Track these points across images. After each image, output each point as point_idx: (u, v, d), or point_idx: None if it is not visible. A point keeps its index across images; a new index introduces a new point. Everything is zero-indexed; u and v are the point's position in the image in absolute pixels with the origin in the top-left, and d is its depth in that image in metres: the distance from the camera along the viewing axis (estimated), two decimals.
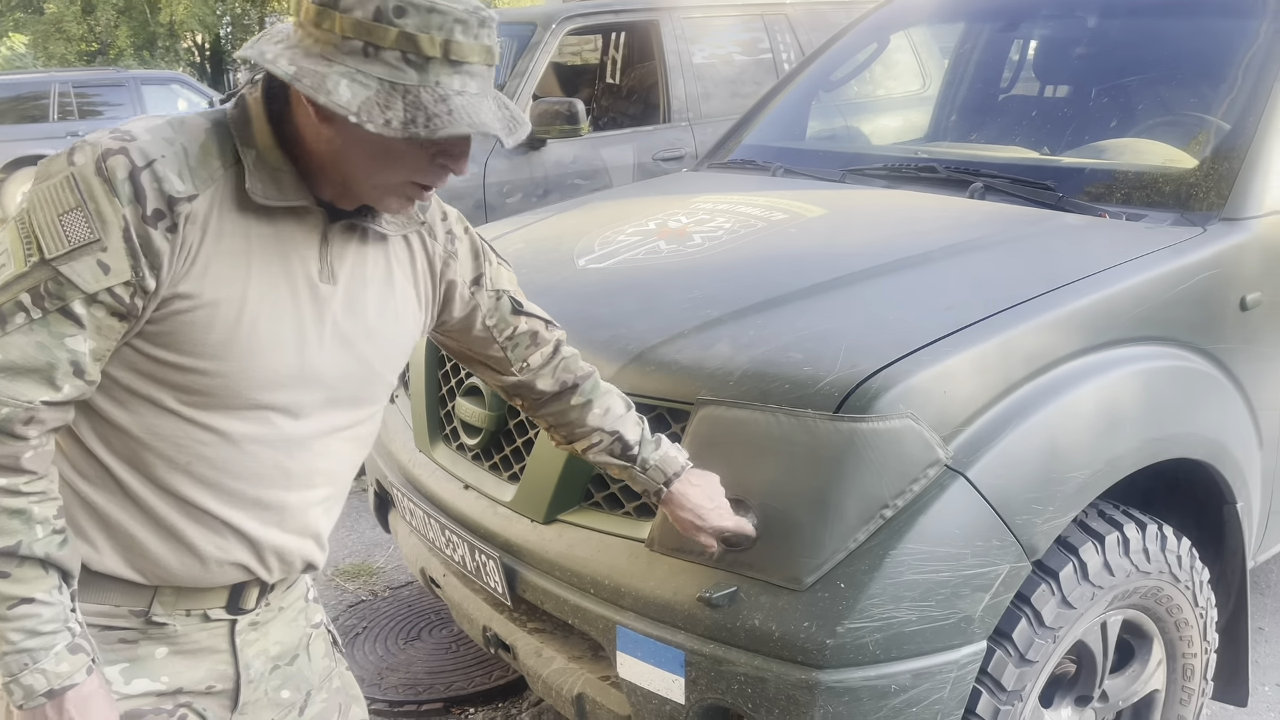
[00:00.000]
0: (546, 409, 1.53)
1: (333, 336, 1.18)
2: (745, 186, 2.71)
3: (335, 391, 1.20)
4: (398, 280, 1.27)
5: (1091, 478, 1.69)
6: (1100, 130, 2.54)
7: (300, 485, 1.20)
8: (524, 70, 4.52)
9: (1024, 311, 1.72)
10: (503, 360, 1.47)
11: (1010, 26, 3.19)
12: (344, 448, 1.25)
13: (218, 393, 1.11)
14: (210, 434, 1.12)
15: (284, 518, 1.20)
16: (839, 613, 1.52)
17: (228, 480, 1.15)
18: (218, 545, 1.17)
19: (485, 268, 1.40)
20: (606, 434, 1.52)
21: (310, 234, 1.15)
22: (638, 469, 1.53)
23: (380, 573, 3.29)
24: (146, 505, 1.13)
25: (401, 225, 1.25)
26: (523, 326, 1.47)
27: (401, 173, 1.09)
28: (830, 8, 5.52)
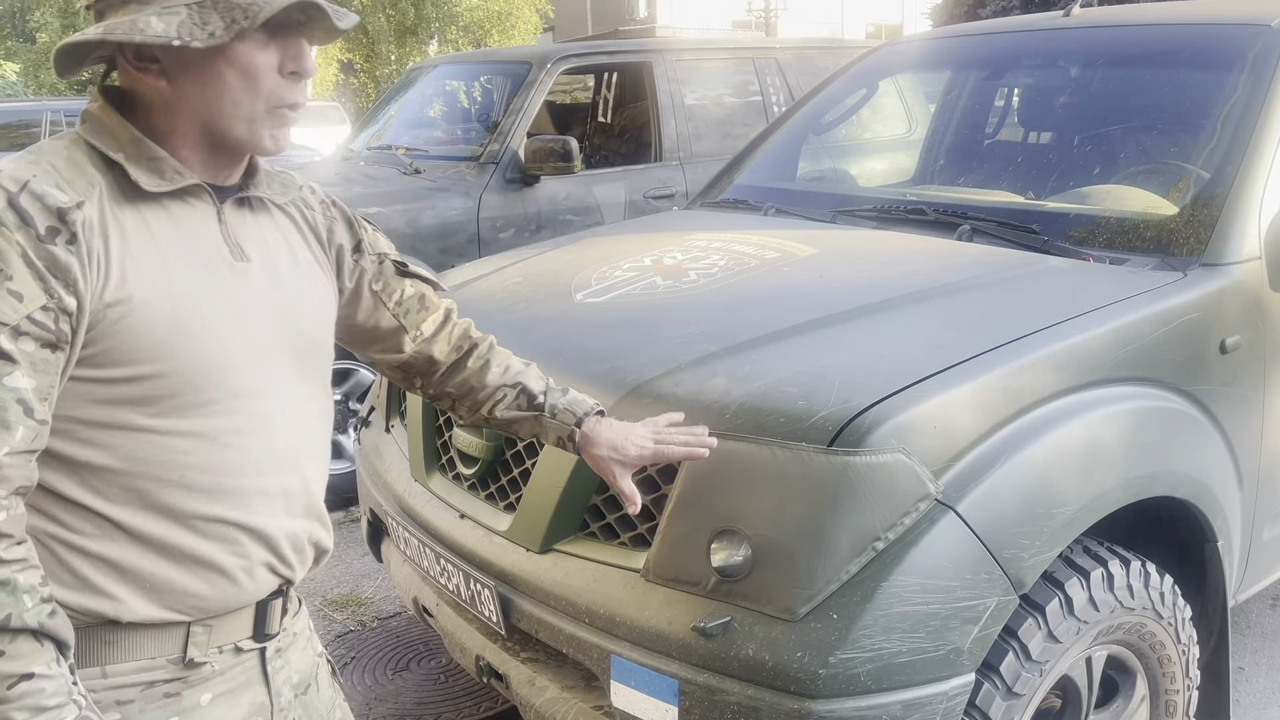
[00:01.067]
0: (448, 381, 1.52)
1: (266, 310, 1.17)
2: (738, 225, 2.77)
3: (286, 364, 1.19)
4: (297, 248, 1.27)
5: (1077, 514, 1.73)
6: (1083, 177, 2.61)
7: (290, 465, 1.18)
8: (519, 108, 4.59)
9: (1012, 350, 1.77)
10: (396, 330, 1.45)
11: (995, 75, 3.28)
12: (314, 423, 1.24)
13: (180, 392, 1.08)
14: (190, 439, 1.09)
15: (288, 502, 1.19)
16: (831, 643, 1.55)
17: (224, 480, 1.12)
18: (237, 552, 1.14)
19: (362, 234, 1.39)
20: (509, 388, 1.53)
21: (206, 218, 1.14)
22: (547, 415, 1.53)
23: (369, 603, 3.29)
24: (156, 538, 1.10)
25: (280, 191, 1.25)
26: (410, 289, 1.45)
27: (257, 98, 1.09)
28: (818, 52, 5.64)
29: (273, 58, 1.10)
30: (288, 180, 1.28)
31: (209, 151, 1.14)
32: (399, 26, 23.74)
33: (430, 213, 4.24)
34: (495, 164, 4.47)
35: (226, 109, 1.09)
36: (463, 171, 4.47)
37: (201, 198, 1.14)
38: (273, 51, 1.10)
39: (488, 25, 24.15)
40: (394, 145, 4.99)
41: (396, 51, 24.03)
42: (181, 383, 1.08)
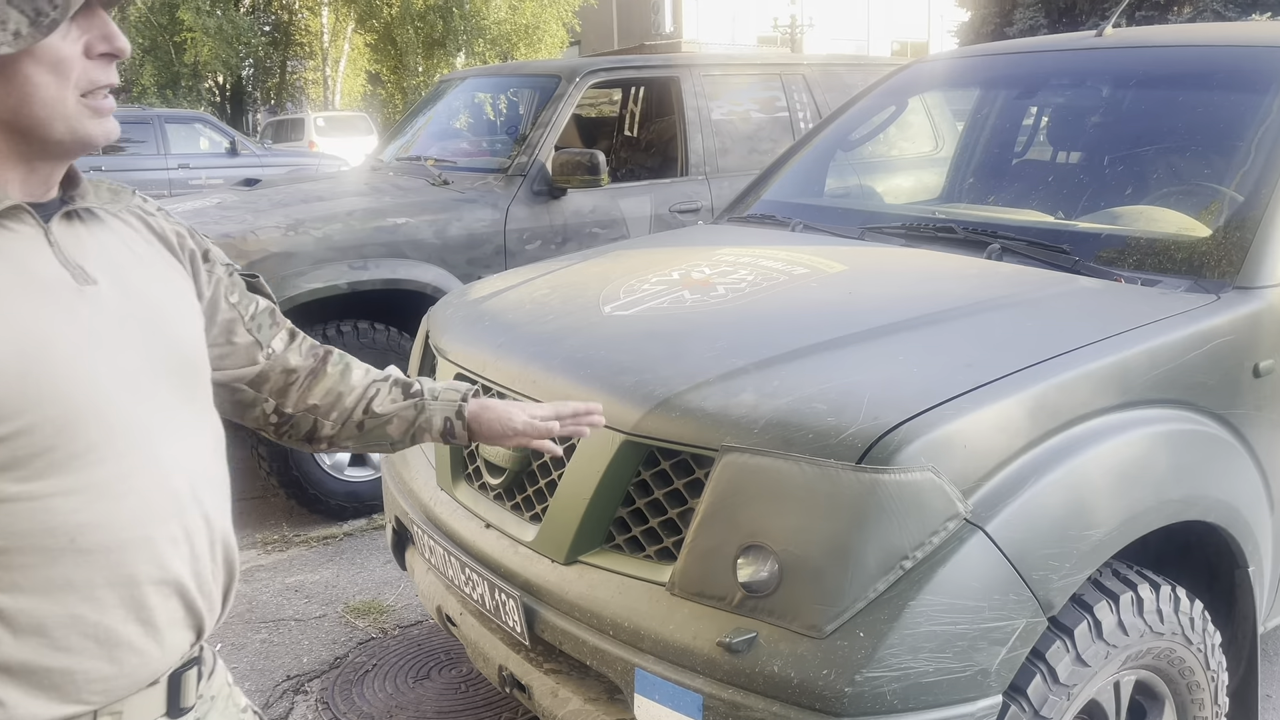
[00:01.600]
0: (311, 391, 1.40)
1: (129, 333, 1.04)
2: (766, 240, 2.77)
3: (164, 390, 1.07)
4: (147, 257, 1.14)
5: (1107, 536, 1.72)
6: (1115, 197, 2.60)
7: (190, 503, 1.07)
8: (547, 121, 4.62)
9: (1044, 370, 1.76)
10: (250, 346, 1.33)
11: (1026, 94, 3.27)
12: (206, 445, 1.13)
13: (51, 446, 0.95)
14: (74, 497, 0.96)
15: (194, 543, 1.07)
16: (858, 661, 1.54)
17: (124, 534, 1.00)
18: (144, 617, 1.02)
19: (206, 244, 1.28)
20: (382, 382, 1.44)
21: (33, 241, 1.00)
22: (429, 398, 1.45)
23: (390, 611, 3.30)
24: (49, 624, 0.96)
25: (110, 199, 1.13)
26: (261, 304, 1.36)
27: (69, 92, 0.98)
28: (846, 69, 5.64)
29: (76, 44, 0.97)
30: (117, 187, 1.16)
31: (25, 165, 1.01)
32: (427, 39, 23.96)
33: (458, 224, 4.27)
34: (523, 176, 4.49)
35: (40, 112, 0.97)
36: (490, 183, 4.50)
37: (23, 220, 1.00)
38: (75, 36, 0.97)
39: (515, 38, 24.34)
40: (423, 156, 5.03)
41: (424, 63, 24.23)
42: (50, 436, 0.95)
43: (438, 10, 23.64)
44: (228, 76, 26.64)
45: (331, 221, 4.03)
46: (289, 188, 4.70)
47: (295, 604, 3.39)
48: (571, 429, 1.49)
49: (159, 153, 12.57)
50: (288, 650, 3.08)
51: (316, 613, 3.32)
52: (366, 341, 4.06)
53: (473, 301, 2.64)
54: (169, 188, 11.97)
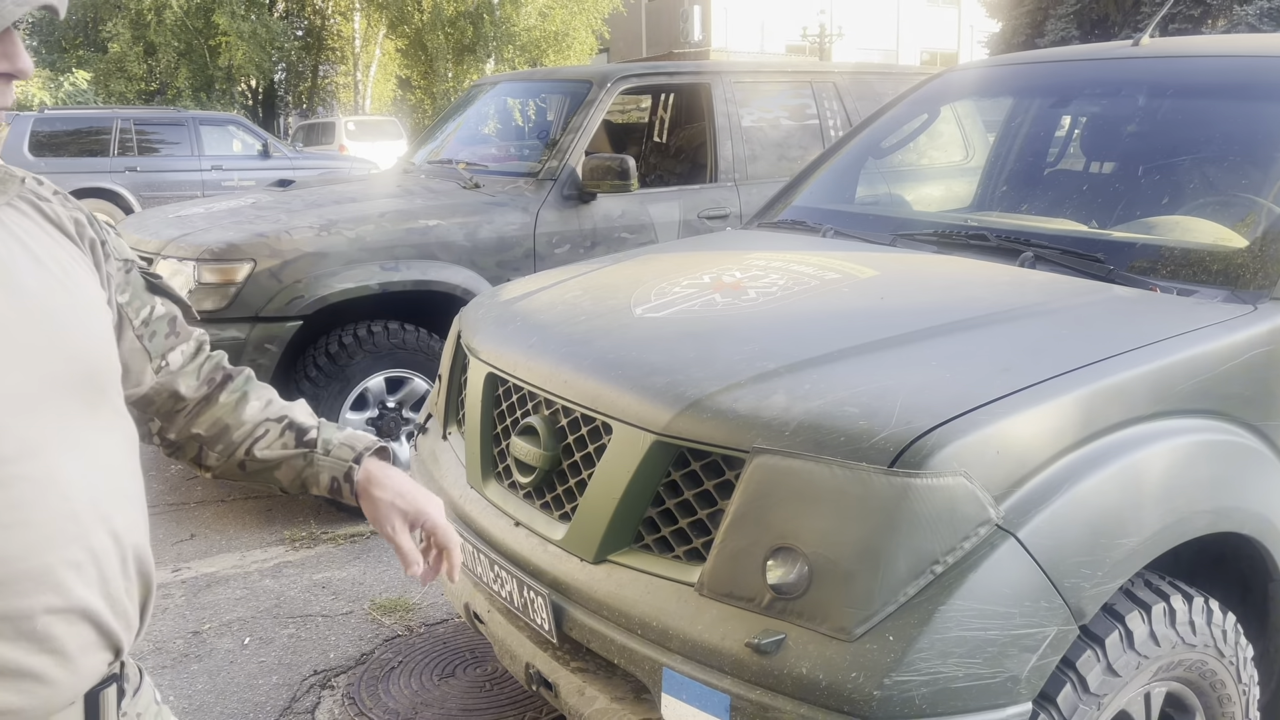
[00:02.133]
0: (197, 420, 1.28)
1: (17, 347, 0.95)
2: (796, 246, 2.77)
3: (63, 401, 0.97)
4: (41, 253, 1.02)
5: (1140, 546, 1.71)
6: (1150, 207, 2.59)
7: (95, 523, 0.98)
8: (578, 126, 4.64)
9: (1077, 378, 1.75)
10: (139, 354, 1.20)
11: (1060, 103, 3.26)
12: (114, 459, 1.03)
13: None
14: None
15: (101, 565, 0.99)
16: (887, 665, 1.54)
17: (17, 566, 0.92)
18: (50, 647, 0.95)
19: (106, 236, 1.15)
20: (274, 423, 1.29)
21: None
22: (319, 452, 1.28)
23: (416, 609, 3.32)
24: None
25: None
26: (160, 309, 1.23)
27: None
28: (876, 77, 5.64)
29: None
30: (5, 174, 1.04)
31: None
32: (457, 45, 24.15)
33: (488, 226, 4.30)
34: (553, 180, 4.52)
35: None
36: (521, 187, 4.53)
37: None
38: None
39: (544, 45, 24.49)
40: (454, 160, 5.07)
41: (454, 69, 24.42)
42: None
43: (468, 16, 23.83)
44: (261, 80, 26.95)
45: (364, 223, 4.07)
46: (322, 189, 4.76)
47: (322, 600, 3.42)
48: (430, 577, 1.34)
49: (193, 154, 12.74)
50: (315, 645, 3.11)
51: (343, 609, 3.34)
52: (396, 342, 4.09)
53: (505, 302, 2.66)
54: (202, 188, 12.13)
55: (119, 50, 23.79)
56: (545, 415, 2.13)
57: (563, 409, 2.09)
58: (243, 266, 3.80)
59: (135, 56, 23.96)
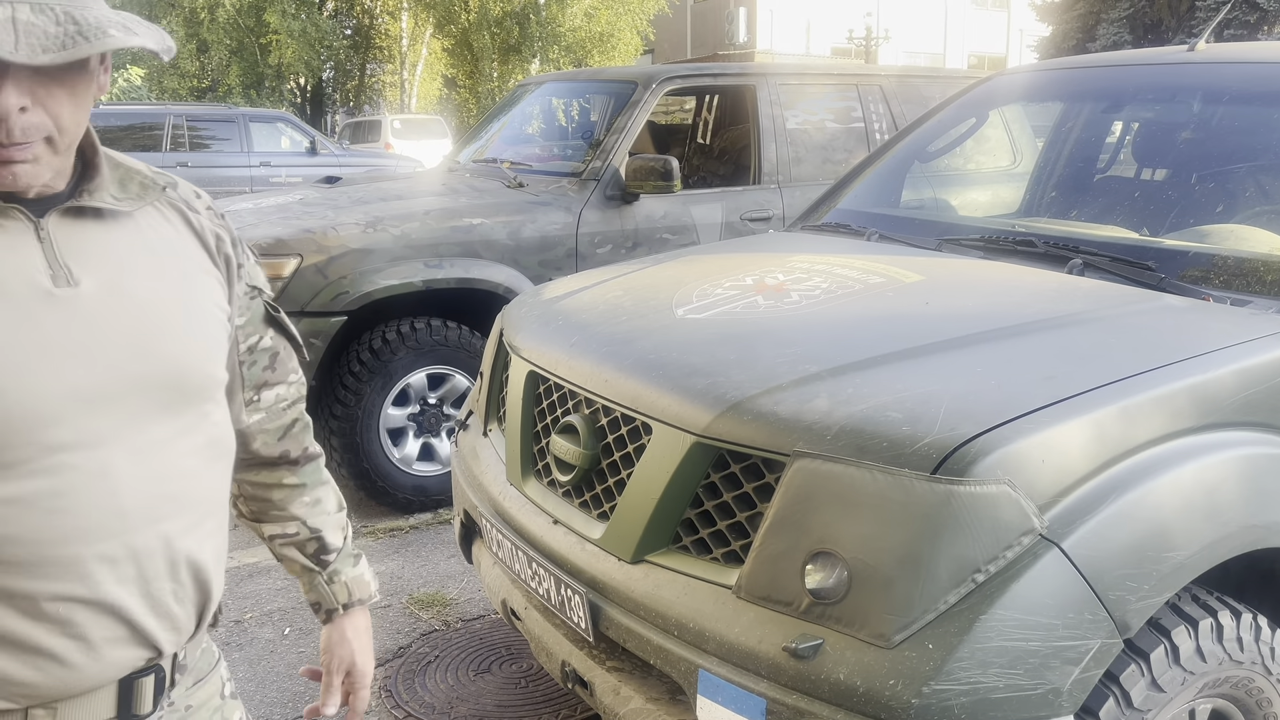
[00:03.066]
0: (250, 474, 1.32)
1: (103, 341, 0.99)
2: (841, 249, 2.76)
3: (137, 403, 1.00)
4: (167, 258, 1.07)
5: (1188, 559, 1.68)
6: (1203, 215, 2.54)
7: (145, 523, 1.00)
8: (622, 126, 4.65)
9: (1126, 387, 1.73)
10: (235, 379, 1.23)
11: (1112, 108, 3.21)
12: (187, 463, 1.05)
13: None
14: (1, 508, 0.93)
15: (142, 566, 1.01)
16: (926, 673, 1.53)
17: (48, 551, 0.94)
18: (72, 633, 0.97)
19: (244, 259, 1.21)
20: (307, 529, 1.34)
21: (19, 237, 0.97)
22: (323, 579, 1.36)
23: (453, 604, 3.35)
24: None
25: (137, 194, 1.07)
26: (268, 340, 1.27)
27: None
28: (923, 81, 5.59)
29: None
30: (149, 181, 1.09)
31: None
32: (502, 45, 24.29)
33: (531, 226, 4.32)
34: (597, 180, 4.53)
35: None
36: (564, 187, 4.55)
37: (9, 215, 0.96)
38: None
39: (589, 46, 24.56)
40: (499, 159, 5.10)
41: (499, 69, 24.57)
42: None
43: (514, 16, 23.97)
44: (309, 78, 27.32)
45: (409, 220, 4.11)
46: (368, 186, 4.81)
47: None
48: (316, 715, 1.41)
49: (243, 150, 12.94)
50: None
51: (381, 602, 3.38)
52: (439, 338, 4.12)
53: (547, 301, 2.67)
54: (250, 184, 12.32)
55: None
56: (585, 414, 2.13)
57: (603, 408, 2.09)
58: (289, 262, 3.86)
59: (188, 54, 24.38)
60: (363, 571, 1.40)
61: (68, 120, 0.96)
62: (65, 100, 0.95)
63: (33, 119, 0.93)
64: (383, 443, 4.07)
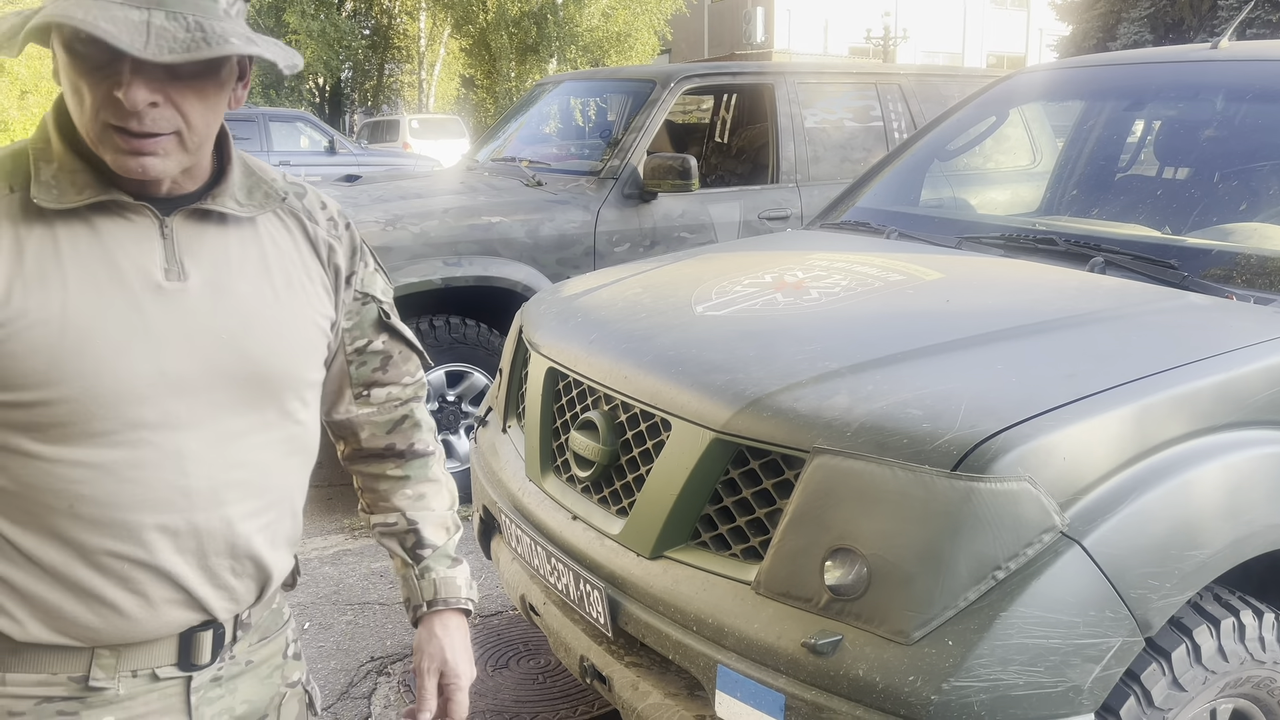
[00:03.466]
0: (360, 465, 1.40)
1: (197, 333, 1.07)
2: (860, 247, 2.75)
3: (220, 394, 1.09)
4: (275, 264, 1.16)
5: (1211, 558, 1.67)
6: (1227, 213, 2.52)
7: (209, 504, 1.09)
8: (641, 125, 4.66)
9: (1148, 385, 1.72)
10: (344, 377, 1.32)
11: (1134, 106, 3.19)
12: (259, 456, 1.13)
13: (71, 421, 1.02)
14: (81, 469, 1.03)
15: (202, 542, 1.09)
16: (945, 670, 1.52)
17: (116, 514, 1.04)
18: (132, 588, 1.07)
19: (359, 268, 1.28)
20: (405, 520, 1.38)
21: (145, 232, 1.06)
22: (415, 573, 1.37)
23: None
24: (48, 564, 1.04)
25: (261, 202, 1.15)
26: (379, 344, 1.32)
27: (89, 111, 1.00)
28: (942, 80, 5.57)
29: (106, 77, 0.98)
30: (273, 190, 1.17)
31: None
32: (520, 44, 24.34)
33: (550, 224, 4.34)
34: (615, 179, 4.54)
35: (75, 116, 1.02)
36: (583, 185, 4.56)
37: (140, 212, 1.06)
38: (107, 71, 0.98)
39: (606, 46, 24.59)
40: (517, 157, 5.11)
41: (517, 69, 24.63)
42: (70, 411, 1.01)
43: (532, 17, 24.01)
44: (328, 78, 27.46)
45: (428, 218, 4.13)
46: (388, 184, 4.83)
47: (380, 589, 3.48)
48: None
49: (262, 149, 13.03)
50: (372, 633, 3.16)
51: (401, 598, 3.39)
52: (457, 336, 4.14)
53: (566, 298, 2.68)
54: None
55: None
56: (605, 410, 2.14)
57: (622, 404, 2.10)
58: None
59: None
60: (456, 575, 1.39)
61: (197, 120, 1.03)
62: (195, 102, 1.02)
63: (163, 113, 1.00)
64: None
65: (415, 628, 1.39)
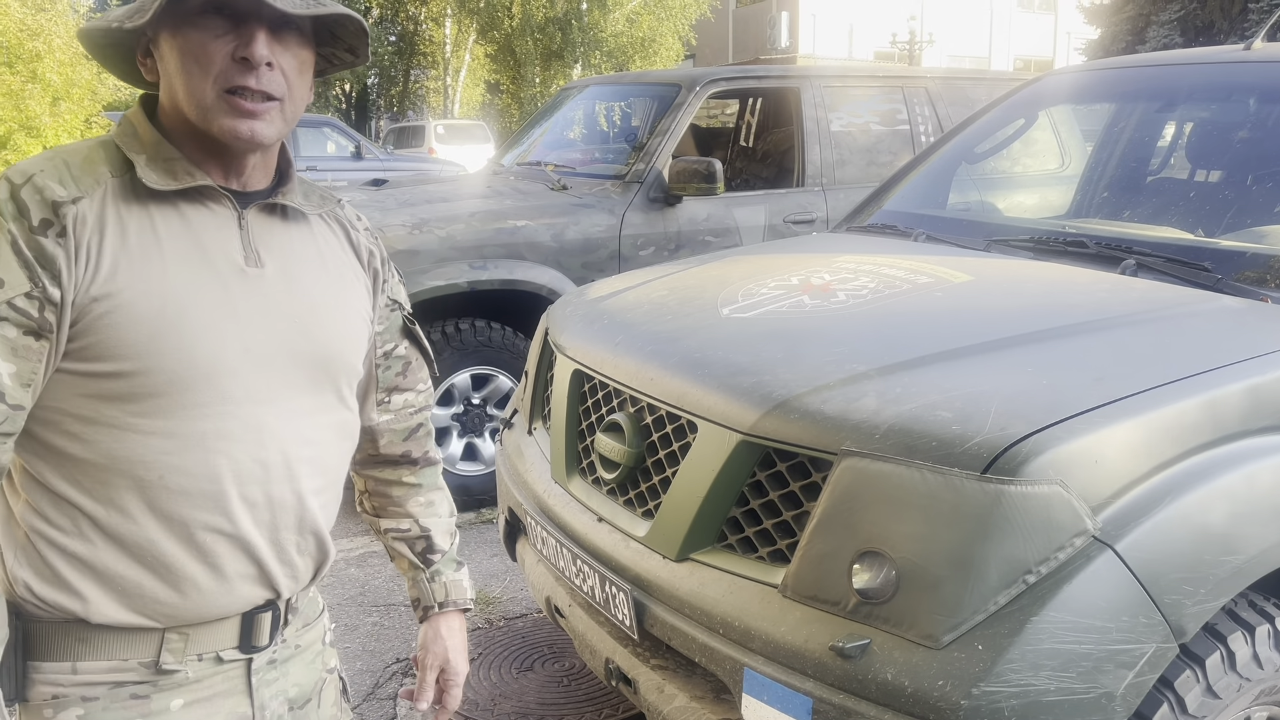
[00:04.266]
0: (374, 470, 1.46)
1: (275, 316, 1.15)
2: (887, 249, 2.74)
3: (292, 373, 1.16)
4: (330, 260, 1.25)
5: (1246, 564, 1.64)
6: (1261, 215, 2.49)
7: (283, 477, 1.15)
8: (666, 129, 4.66)
9: (1182, 388, 1.70)
10: (370, 380, 1.39)
11: (1166, 108, 3.16)
12: (322, 435, 1.20)
13: (164, 392, 1.06)
14: (173, 441, 1.08)
15: (276, 514, 1.15)
16: (975, 675, 1.51)
17: (206, 485, 1.09)
18: (213, 562, 1.12)
19: (390, 276, 1.37)
20: (419, 527, 1.46)
21: (225, 221, 1.14)
22: (426, 576, 1.47)
23: (496, 602, 3.36)
24: (131, 540, 1.08)
25: (318, 203, 1.25)
26: (402, 349, 1.40)
27: (206, 80, 1.07)
28: (969, 83, 5.54)
29: (227, 44, 1.07)
30: (327, 194, 1.28)
31: (216, 155, 1.14)
32: (545, 50, 24.42)
33: (575, 228, 4.34)
34: (640, 183, 4.54)
35: (182, 93, 1.09)
36: (608, 189, 4.56)
37: (221, 202, 1.14)
38: (228, 39, 1.07)
39: (631, 51, 24.62)
40: (543, 161, 5.13)
41: (541, 74, 24.71)
42: (165, 382, 1.06)
43: (557, 23, 24.09)
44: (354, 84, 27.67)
45: (454, 222, 4.14)
46: (414, 189, 4.86)
47: (405, 591, 3.49)
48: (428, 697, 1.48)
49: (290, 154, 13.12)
50: (397, 635, 3.17)
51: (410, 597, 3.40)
52: (483, 339, 4.16)
53: (591, 301, 2.68)
54: None
55: None
56: (630, 412, 2.14)
57: (648, 406, 2.10)
58: None
59: None
60: (463, 578, 1.50)
61: (297, 89, 1.14)
62: (296, 71, 1.13)
63: (275, 77, 1.10)
64: None
65: (420, 623, 1.50)
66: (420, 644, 1.49)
